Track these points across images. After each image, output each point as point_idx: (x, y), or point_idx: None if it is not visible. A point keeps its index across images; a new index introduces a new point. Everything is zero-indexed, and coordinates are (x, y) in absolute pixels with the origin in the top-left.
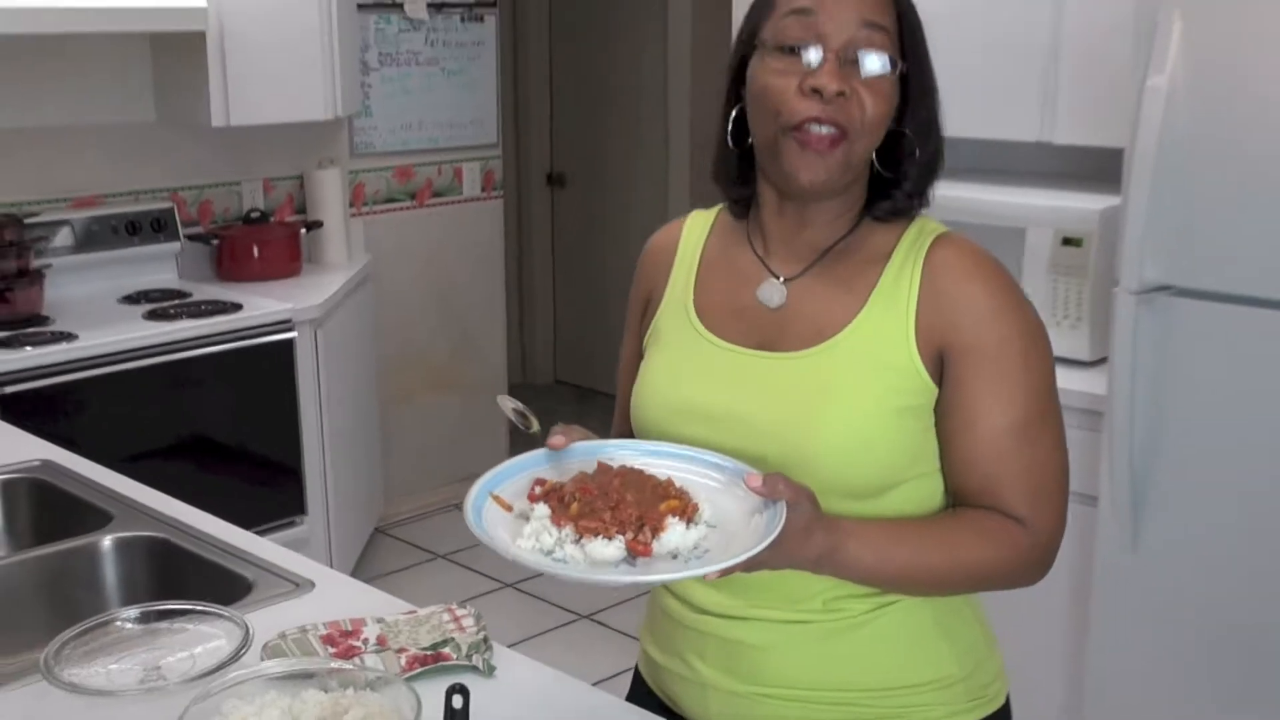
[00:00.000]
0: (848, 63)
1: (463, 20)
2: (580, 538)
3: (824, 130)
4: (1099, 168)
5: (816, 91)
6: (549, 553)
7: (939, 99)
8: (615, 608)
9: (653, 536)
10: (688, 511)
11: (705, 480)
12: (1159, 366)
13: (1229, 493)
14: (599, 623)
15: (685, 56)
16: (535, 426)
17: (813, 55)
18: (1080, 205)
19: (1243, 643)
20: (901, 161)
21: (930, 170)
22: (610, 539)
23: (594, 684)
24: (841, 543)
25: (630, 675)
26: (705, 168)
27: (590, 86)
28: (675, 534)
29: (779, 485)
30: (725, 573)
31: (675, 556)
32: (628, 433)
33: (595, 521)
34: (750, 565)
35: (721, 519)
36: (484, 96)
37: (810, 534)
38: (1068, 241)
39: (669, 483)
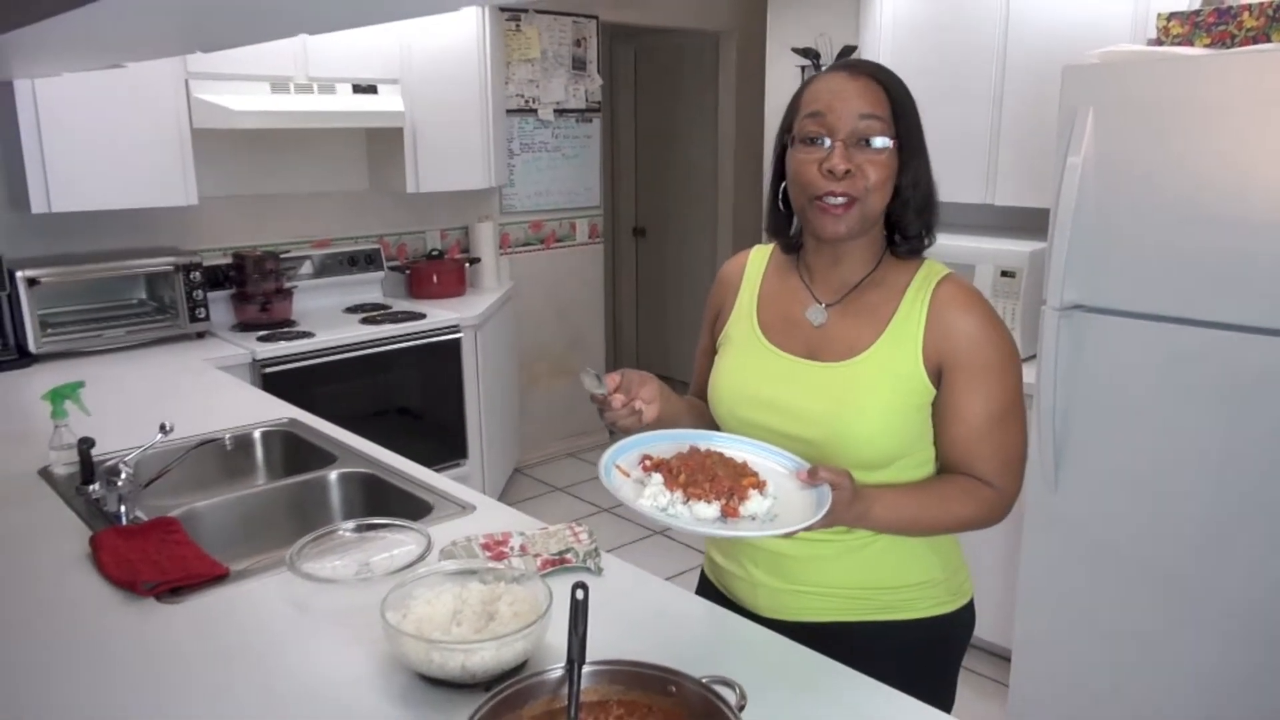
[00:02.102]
0: (853, 146)
1: (577, 121)
2: (688, 500)
3: (838, 200)
4: (1026, 222)
5: (831, 171)
6: (663, 509)
7: (928, 159)
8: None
9: (739, 503)
10: (761, 487)
11: (767, 464)
12: (1073, 361)
13: (1121, 451)
14: (668, 537)
15: (730, 147)
16: (602, 389)
17: (826, 144)
18: (1014, 248)
19: (1128, 555)
20: (902, 210)
21: (925, 211)
22: (710, 503)
23: (665, 579)
24: (870, 507)
25: (689, 575)
26: (744, 225)
27: (663, 167)
28: (754, 502)
29: (821, 473)
30: (791, 535)
31: (754, 519)
32: (699, 396)
33: (699, 489)
34: (810, 529)
35: (781, 494)
36: (591, 173)
37: (851, 504)
38: (1005, 274)
39: (745, 465)
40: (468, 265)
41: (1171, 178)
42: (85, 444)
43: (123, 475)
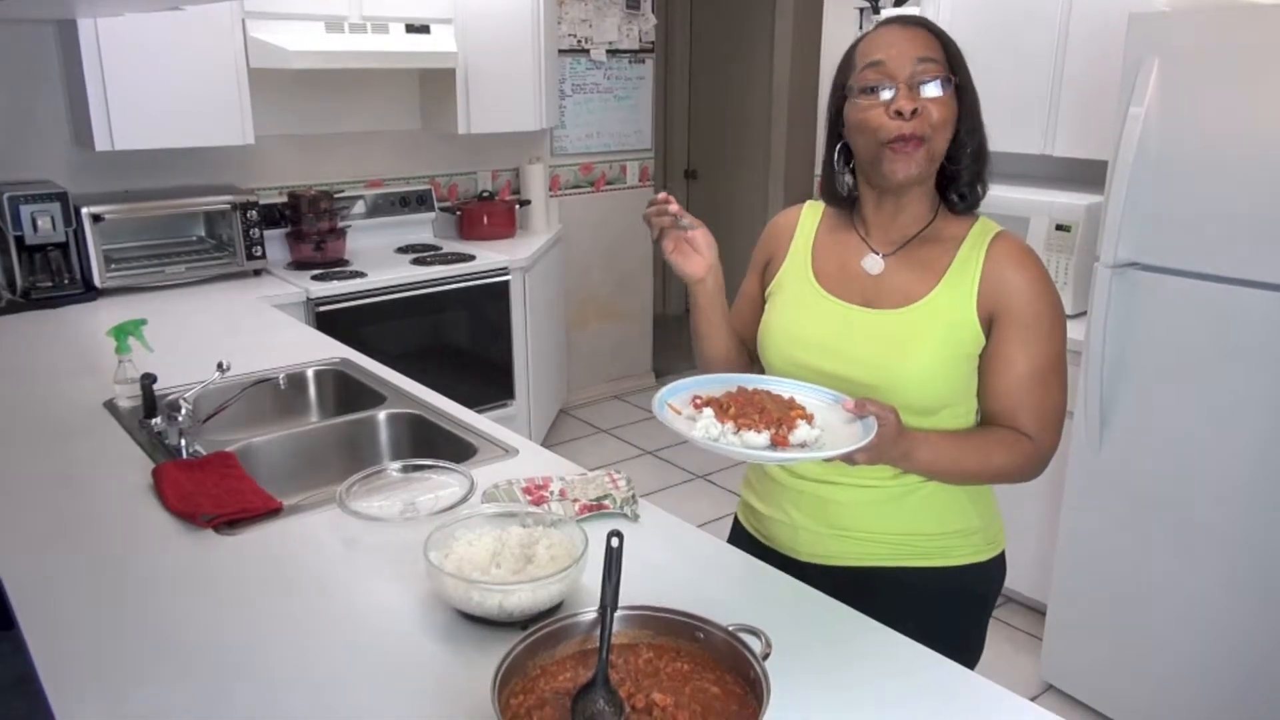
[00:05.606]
0: (913, 89)
1: (630, 62)
2: (739, 430)
3: (909, 140)
4: (1084, 174)
5: (899, 114)
6: (714, 439)
7: (979, 104)
8: (719, 472)
9: (788, 431)
10: (809, 418)
11: (812, 400)
12: (1125, 320)
13: (1168, 413)
14: (710, 481)
15: (784, 90)
16: (685, 222)
17: (887, 92)
18: (1070, 201)
19: (1170, 516)
20: (958, 155)
21: (979, 159)
22: (760, 432)
23: (700, 525)
24: (914, 447)
25: (726, 521)
26: (796, 168)
27: (716, 109)
28: (803, 431)
29: (868, 405)
30: (834, 459)
31: (804, 446)
32: (736, 330)
33: (749, 420)
34: (853, 457)
35: (827, 426)
36: (643, 115)
37: (896, 440)
38: (1060, 228)
39: (791, 399)
40: (518, 207)
41: (1237, 134)
42: (147, 379)
43: (183, 410)
